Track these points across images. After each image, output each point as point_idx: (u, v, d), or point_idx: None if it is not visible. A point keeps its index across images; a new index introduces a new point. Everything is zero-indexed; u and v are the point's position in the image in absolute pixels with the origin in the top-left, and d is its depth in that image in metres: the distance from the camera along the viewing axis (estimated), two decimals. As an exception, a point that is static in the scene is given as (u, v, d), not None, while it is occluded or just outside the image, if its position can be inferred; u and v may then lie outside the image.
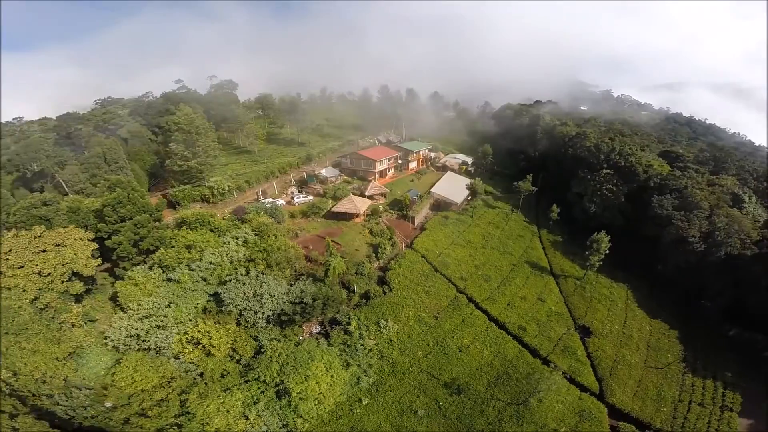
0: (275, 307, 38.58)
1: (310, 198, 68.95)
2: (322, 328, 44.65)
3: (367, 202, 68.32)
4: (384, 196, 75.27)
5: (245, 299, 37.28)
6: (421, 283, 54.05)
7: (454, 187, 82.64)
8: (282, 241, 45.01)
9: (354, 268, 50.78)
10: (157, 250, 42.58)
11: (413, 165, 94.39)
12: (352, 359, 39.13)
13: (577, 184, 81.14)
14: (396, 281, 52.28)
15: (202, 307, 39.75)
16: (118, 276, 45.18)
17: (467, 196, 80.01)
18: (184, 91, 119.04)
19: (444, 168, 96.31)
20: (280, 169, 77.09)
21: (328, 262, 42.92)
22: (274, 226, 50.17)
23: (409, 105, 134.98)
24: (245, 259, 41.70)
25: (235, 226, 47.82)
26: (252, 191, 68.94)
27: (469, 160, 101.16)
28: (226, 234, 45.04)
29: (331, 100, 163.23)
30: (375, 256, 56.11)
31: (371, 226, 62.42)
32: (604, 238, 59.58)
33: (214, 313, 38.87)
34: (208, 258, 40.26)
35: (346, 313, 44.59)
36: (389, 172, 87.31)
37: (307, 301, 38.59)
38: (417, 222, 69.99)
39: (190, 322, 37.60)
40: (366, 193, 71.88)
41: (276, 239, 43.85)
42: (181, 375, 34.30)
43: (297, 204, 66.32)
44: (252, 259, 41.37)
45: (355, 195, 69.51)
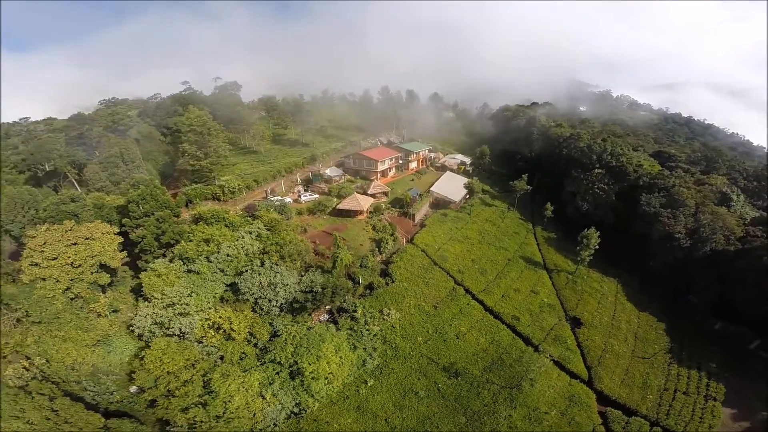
0: (288, 295, 42.04)
1: (316, 196, 72.37)
2: (330, 317, 48.18)
3: (369, 200, 71.68)
4: (386, 194, 78.60)
5: (261, 288, 40.64)
6: (421, 275, 57.48)
7: (452, 186, 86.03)
8: (292, 235, 48.45)
9: (358, 261, 54.27)
10: (177, 243, 45.94)
11: (413, 165, 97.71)
12: (359, 343, 42.68)
13: (571, 183, 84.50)
14: (398, 273, 55.73)
15: (220, 296, 43.14)
16: (138, 269, 48.40)
17: (465, 195, 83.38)
18: (191, 92, 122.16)
19: (443, 168, 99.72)
20: (286, 169, 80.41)
21: (336, 254, 46.38)
22: (284, 222, 53.60)
23: (409, 106, 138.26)
24: (259, 251, 45.13)
25: (247, 222, 51.27)
26: (260, 190, 72.25)
27: (467, 161, 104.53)
28: (239, 229, 48.43)
29: (332, 101, 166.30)
30: (378, 250, 59.65)
31: (374, 223, 65.86)
32: (594, 233, 62.84)
33: (231, 302, 42.24)
34: (226, 251, 43.65)
35: (352, 302, 48.20)
36: (390, 171, 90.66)
37: (317, 290, 42.06)
38: (417, 219, 73.36)
39: (209, 309, 40.96)
40: (369, 192, 75.23)
41: (287, 233, 47.29)
42: (203, 358, 37.58)
43: (303, 202, 69.75)
44: (266, 251, 44.78)
45: (359, 193, 72.94)
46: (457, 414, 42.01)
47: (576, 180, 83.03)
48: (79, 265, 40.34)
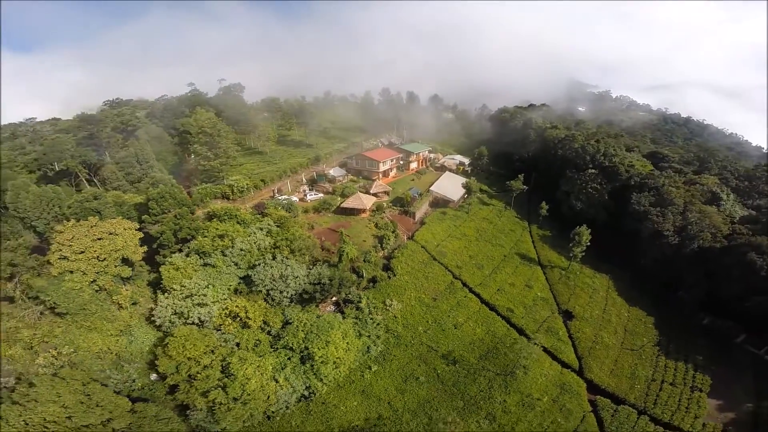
0: (298, 286, 45.21)
1: (321, 195, 75.49)
2: (336, 308, 51.37)
3: (372, 199, 74.79)
4: (387, 193, 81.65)
5: (273, 280, 43.76)
6: (421, 269, 60.64)
7: (451, 185, 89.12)
8: (301, 231, 51.59)
9: (362, 256, 57.46)
10: (193, 239, 48.95)
11: (414, 165, 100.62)
12: (363, 330, 45.90)
13: (565, 183, 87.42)
14: (399, 268, 58.87)
15: (234, 288, 46.22)
16: (153, 264, 51.30)
17: (463, 194, 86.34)
18: (197, 94, 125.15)
19: (442, 168, 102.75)
20: (291, 169, 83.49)
21: (342, 249, 49.60)
22: (292, 219, 56.76)
23: (409, 108, 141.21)
24: (271, 246, 48.26)
25: (257, 219, 54.36)
26: (267, 189, 75.36)
27: (466, 161, 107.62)
28: (251, 225, 51.49)
29: (334, 102, 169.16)
30: (380, 246, 62.89)
31: (376, 220, 69.01)
32: (585, 231, 65.87)
33: (245, 293, 45.29)
34: (239, 245, 46.73)
35: (357, 293, 51.41)
36: (392, 172, 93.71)
37: (324, 282, 45.28)
38: (417, 217, 76.51)
39: (225, 300, 44.04)
40: (371, 191, 78.36)
41: (296, 229, 50.42)
42: (221, 344, 40.46)
43: (309, 201, 72.84)
44: (277, 246, 47.90)
45: (362, 193, 76.03)
46: (455, 398, 44.81)
47: (570, 180, 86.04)
48: (104, 259, 43.31)
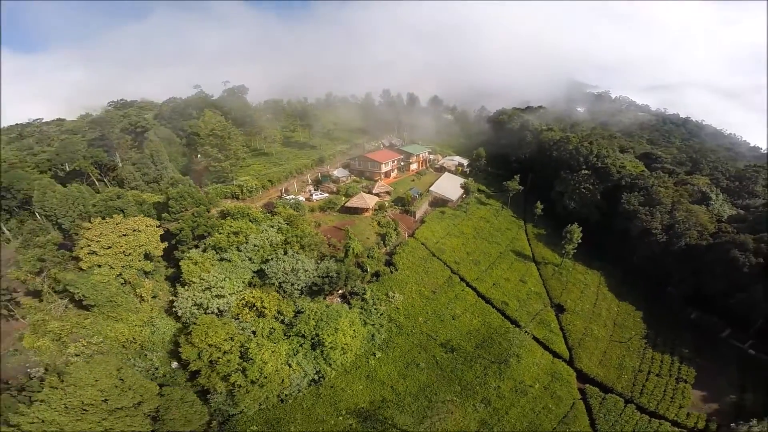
0: (308, 279, 48.92)
1: (326, 195, 79.19)
2: (342, 300, 55.09)
3: (374, 199, 78.41)
4: (389, 193, 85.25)
5: (285, 273, 47.41)
6: (422, 265, 64.36)
7: (450, 186, 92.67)
8: (309, 228, 55.22)
9: (366, 252, 61.14)
10: (209, 235, 52.55)
11: (414, 166, 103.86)
12: (368, 320, 49.72)
13: (560, 183, 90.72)
14: (401, 263, 62.64)
15: (248, 281, 49.89)
16: (170, 260, 54.76)
17: (462, 194, 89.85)
18: (203, 96, 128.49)
19: (442, 169, 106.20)
20: (297, 170, 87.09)
21: (348, 245, 53.32)
22: (301, 217, 60.41)
23: (410, 110, 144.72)
24: (282, 242, 51.89)
25: (268, 218, 58.01)
26: (275, 189, 79.01)
27: (465, 162, 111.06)
28: (262, 223, 55.13)
29: (335, 104, 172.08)
30: (383, 243, 66.68)
31: (379, 219, 72.69)
32: (576, 229, 69.41)
33: (258, 286, 48.95)
34: (253, 241, 50.36)
35: (362, 286, 55.21)
36: (393, 172, 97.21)
37: (332, 275, 49.00)
38: (418, 216, 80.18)
39: (240, 292, 47.71)
40: (373, 191, 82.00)
41: (305, 227, 54.07)
42: (239, 332, 44.02)
43: (315, 200, 76.56)
44: (288, 242, 51.55)
45: (365, 193, 79.67)
46: (452, 383, 48.36)
47: (564, 180, 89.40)
48: (129, 254, 46.90)
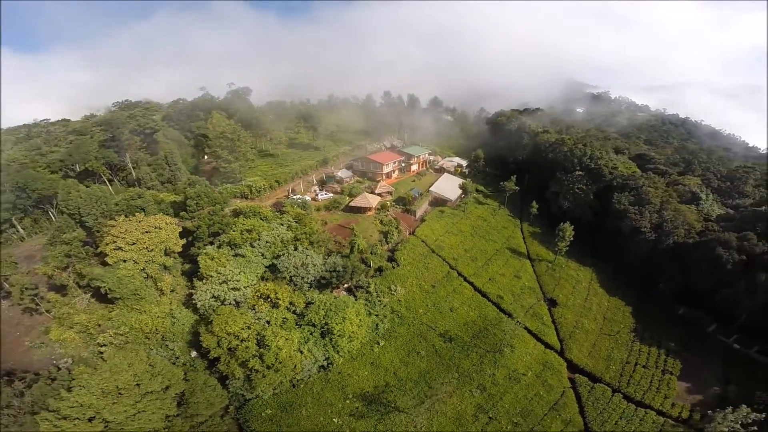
0: (316, 273, 52.72)
1: (331, 195, 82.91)
2: (349, 293, 58.83)
3: (377, 199, 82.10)
4: (390, 193, 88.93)
5: (295, 267, 51.17)
6: (422, 261, 68.25)
7: (449, 186, 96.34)
8: (317, 226, 58.98)
9: (369, 248, 65.02)
10: (222, 233, 56.28)
11: (414, 167, 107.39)
12: (373, 310, 53.54)
13: (555, 184, 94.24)
14: (402, 259, 66.54)
15: (260, 275, 53.59)
16: (186, 256, 58.26)
17: (461, 194, 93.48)
18: (208, 98, 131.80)
19: (441, 170, 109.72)
20: (302, 171, 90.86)
21: (353, 242, 57.14)
22: (308, 216, 64.19)
23: (410, 111, 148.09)
24: (292, 239, 55.63)
25: (277, 216, 61.77)
26: (281, 189, 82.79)
27: (464, 163, 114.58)
28: (272, 221, 58.88)
29: (337, 105, 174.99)
30: (385, 240, 70.52)
31: (381, 218, 76.44)
32: (568, 227, 72.94)
33: (270, 280, 52.68)
34: (265, 238, 54.10)
35: (366, 280, 59.10)
36: (394, 173, 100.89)
37: (339, 270, 52.84)
38: (418, 215, 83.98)
39: (254, 285, 51.42)
40: (376, 191, 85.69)
41: (313, 224, 57.87)
42: (255, 322, 47.55)
43: (320, 200, 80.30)
44: (298, 239, 55.33)
45: (367, 193, 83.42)
46: (450, 370, 51.90)
47: (559, 181, 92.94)
48: (152, 250, 50.62)
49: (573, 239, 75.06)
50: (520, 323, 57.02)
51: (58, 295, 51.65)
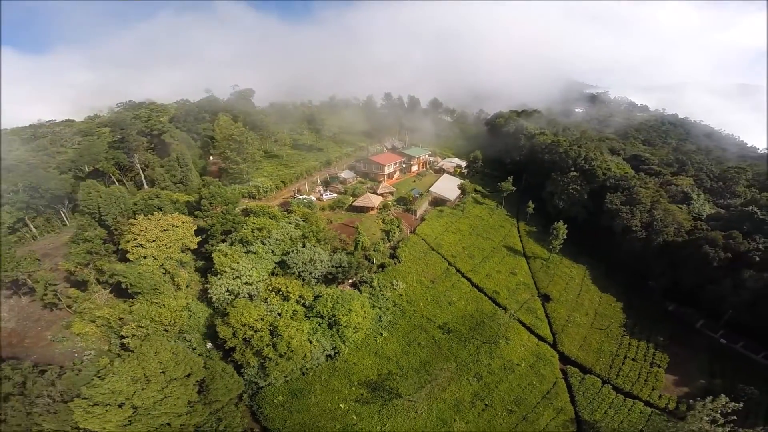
0: (323, 269, 56.23)
1: (334, 195, 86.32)
2: (353, 287, 62.32)
3: (379, 199, 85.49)
4: (392, 194, 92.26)
5: (304, 263, 54.64)
6: (422, 258, 71.81)
7: (449, 186, 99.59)
8: (323, 224, 62.47)
9: (372, 246, 68.39)
10: (234, 231, 59.61)
11: (415, 168, 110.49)
12: (376, 303, 57.17)
13: (550, 184, 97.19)
14: (403, 256, 70.01)
15: (270, 270, 57.01)
16: (198, 253, 61.21)
17: (459, 195, 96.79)
18: (213, 100, 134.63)
19: (441, 171, 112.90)
20: (307, 172, 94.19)
21: (358, 239, 60.72)
22: (314, 215, 67.67)
23: (411, 113, 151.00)
24: (300, 236, 59.11)
25: (285, 215, 65.24)
26: (287, 189, 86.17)
27: (463, 164, 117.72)
28: (281, 220, 62.31)
29: (338, 107, 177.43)
30: (387, 238, 73.97)
31: (383, 217, 79.78)
32: (562, 226, 76.31)
33: (280, 275, 56.13)
34: (275, 236, 57.53)
35: (369, 276, 62.62)
36: (395, 174, 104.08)
37: (344, 266, 56.41)
38: (418, 214, 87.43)
39: (265, 280, 54.87)
40: (378, 192, 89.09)
41: (319, 223, 61.40)
42: (267, 314, 50.66)
43: (325, 200, 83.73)
44: (306, 236, 58.80)
45: (370, 193, 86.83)
46: (449, 360, 55.18)
47: (554, 181, 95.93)
48: (170, 247, 53.96)
49: (568, 238, 78.35)
50: (513, 315, 60.33)
51: (78, 290, 54.53)
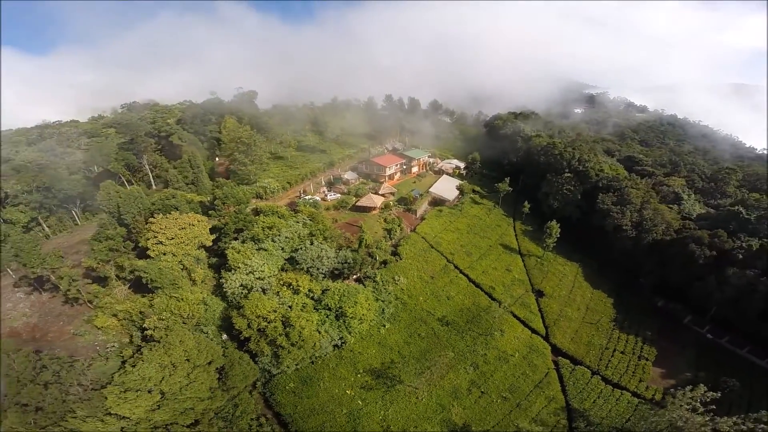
0: (330, 265, 60.11)
1: (338, 195, 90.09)
2: (358, 282, 66.26)
3: (381, 199, 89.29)
4: (393, 194, 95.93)
5: (312, 260, 58.51)
6: (422, 255, 75.63)
7: (448, 187, 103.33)
8: (329, 223, 66.37)
9: (375, 244, 72.27)
10: (245, 230, 63.39)
11: (415, 169, 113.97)
12: (379, 297, 61.10)
13: (546, 185, 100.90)
14: (404, 253, 73.79)
15: (280, 266, 60.86)
16: (211, 250, 64.88)
17: (458, 195, 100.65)
18: (218, 103, 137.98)
19: (440, 172, 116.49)
20: (311, 173, 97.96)
21: (361, 237, 64.67)
22: (320, 214, 71.57)
23: (411, 115, 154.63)
24: (308, 234, 62.99)
25: (292, 215, 69.10)
26: (293, 190, 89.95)
27: (461, 165, 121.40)
28: (289, 219, 66.16)
29: (340, 108, 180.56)
30: (389, 236, 77.80)
31: (385, 216, 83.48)
32: (555, 225, 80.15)
33: (290, 270, 60.01)
34: (285, 234, 61.39)
35: (373, 272, 66.58)
36: (396, 175, 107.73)
37: (349, 262, 60.33)
38: (418, 214, 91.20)
39: (275, 275, 58.69)
40: (379, 192, 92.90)
41: (325, 222, 65.34)
42: (279, 306, 54.05)
43: (329, 200, 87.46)
44: (313, 234, 62.68)
45: (372, 193, 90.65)
46: (447, 350, 58.39)
47: (549, 182, 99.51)
48: (187, 244, 57.74)
49: (562, 237, 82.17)
50: (507, 308, 64.21)
51: (98, 286, 57.86)
